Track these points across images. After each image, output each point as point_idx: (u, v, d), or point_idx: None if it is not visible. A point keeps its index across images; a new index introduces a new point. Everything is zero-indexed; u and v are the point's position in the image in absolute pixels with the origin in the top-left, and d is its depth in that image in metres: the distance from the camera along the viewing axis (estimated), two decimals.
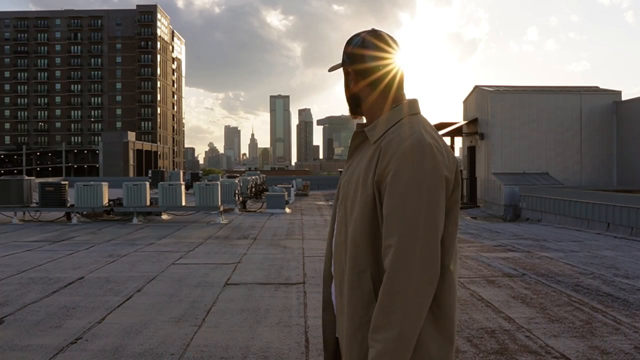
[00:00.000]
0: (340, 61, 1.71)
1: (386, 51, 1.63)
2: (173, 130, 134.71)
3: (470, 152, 27.36)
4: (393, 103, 1.64)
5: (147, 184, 16.26)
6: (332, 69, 1.75)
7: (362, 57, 1.63)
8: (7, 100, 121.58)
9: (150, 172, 42.21)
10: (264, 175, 33.34)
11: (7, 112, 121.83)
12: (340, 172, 2.17)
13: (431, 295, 1.47)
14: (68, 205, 15.92)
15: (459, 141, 30.65)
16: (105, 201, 15.84)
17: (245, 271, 7.82)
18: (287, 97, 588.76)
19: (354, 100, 1.70)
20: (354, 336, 1.55)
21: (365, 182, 1.56)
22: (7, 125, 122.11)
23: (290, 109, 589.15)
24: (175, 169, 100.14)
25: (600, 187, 21.43)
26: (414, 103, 1.65)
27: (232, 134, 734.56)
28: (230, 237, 12.10)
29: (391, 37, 1.66)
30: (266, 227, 14.18)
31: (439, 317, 1.53)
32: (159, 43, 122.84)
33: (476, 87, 26.52)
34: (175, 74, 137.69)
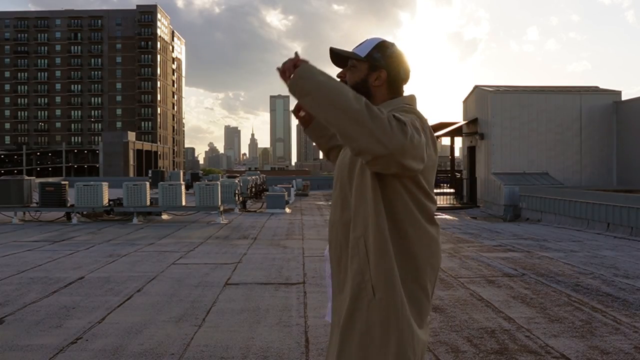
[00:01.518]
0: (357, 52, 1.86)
1: (409, 67, 1.91)
2: (173, 130, 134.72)
3: (470, 152, 27.36)
4: None
5: (147, 184, 16.24)
6: (345, 53, 1.86)
7: (399, 65, 1.85)
8: (7, 100, 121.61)
9: (150, 172, 42.21)
10: (264, 175, 33.34)
11: (7, 112, 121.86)
12: None
13: (356, 118, 1.48)
14: (68, 205, 15.91)
15: (459, 141, 30.69)
16: (105, 201, 15.84)
17: (245, 271, 7.82)
18: (287, 97, 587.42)
19: (365, 93, 1.79)
20: (356, 302, 1.65)
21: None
22: (7, 125, 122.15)
23: (290, 109, 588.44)
24: (175, 169, 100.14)
25: (600, 187, 21.43)
26: (411, 98, 1.85)
27: (232, 134, 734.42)
28: (230, 237, 12.10)
29: None
30: (266, 227, 14.17)
31: (413, 267, 1.68)
32: (159, 43, 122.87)
33: (476, 87, 26.52)
34: (175, 74, 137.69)
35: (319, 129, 2.22)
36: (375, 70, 1.82)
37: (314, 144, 2.31)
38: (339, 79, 1.83)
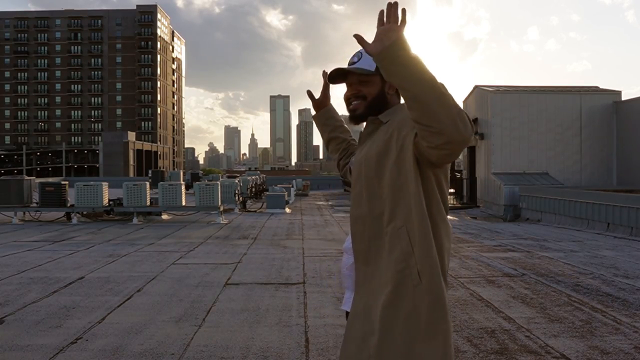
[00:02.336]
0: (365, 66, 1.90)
1: None
2: (173, 130, 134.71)
3: (470, 152, 27.36)
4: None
5: (147, 184, 16.25)
6: (359, 71, 1.91)
7: None
8: (7, 100, 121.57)
9: (150, 172, 42.22)
10: (264, 175, 33.35)
11: (7, 112, 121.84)
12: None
13: (446, 102, 1.56)
14: (68, 205, 15.91)
15: None
16: (105, 201, 15.84)
17: (245, 271, 7.82)
18: (287, 97, 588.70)
19: (383, 103, 1.91)
20: (399, 288, 1.69)
21: (389, 146, 1.76)
22: (7, 125, 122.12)
23: (290, 109, 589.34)
24: (175, 169, 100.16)
25: (600, 187, 21.43)
26: None
27: (232, 134, 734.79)
28: (230, 237, 12.10)
29: None
30: (266, 227, 14.18)
31: (441, 256, 1.76)
32: (159, 43, 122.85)
33: (476, 87, 26.53)
34: (175, 74, 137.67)
35: (327, 116, 2.33)
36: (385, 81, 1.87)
37: (318, 130, 2.41)
38: (353, 97, 1.92)
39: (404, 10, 1.61)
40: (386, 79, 1.65)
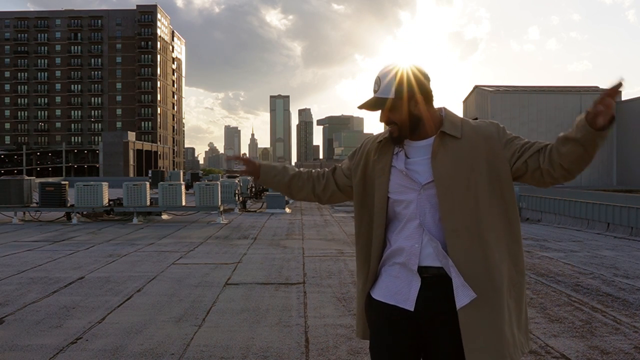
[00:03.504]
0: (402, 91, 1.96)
1: (423, 68, 2.06)
2: (173, 130, 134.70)
3: None
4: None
5: (147, 184, 16.25)
6: (380, 106, 1.98)
7: (418, 78, 1.97)
8: (7, 100, 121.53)
9: (150, 172, 42.23)
10: None
11: (7, 112, 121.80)
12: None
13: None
14: (68, 205, 15.91)
15: None
16: (105, 201, 15.84)
17: (245, 271, 7.82)
18: (287, 97, 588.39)
19: (416, 120, 1.97)
20: (502, 291, 1.89)
21: (477, 163, 1.90)
22: (7, 125, 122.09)
23: (290, 109, 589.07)
24: (175, 169, 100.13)
25: (600, 187, 21.44)
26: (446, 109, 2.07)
27: (232, 134, 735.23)
28: (230, 237, 12.10)
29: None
30: (266, 227, 14.18)
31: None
32: (159, 43, 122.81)
33: (476, 87, 26.54)
34: (175, 74, 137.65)
35: (271, 168, 2.31)
36: (411, 99, 1.94)
37: (272, 185, 2.33)
38: (386, 124, 2.00)
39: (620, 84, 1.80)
40: (586, 145, 1.74)
